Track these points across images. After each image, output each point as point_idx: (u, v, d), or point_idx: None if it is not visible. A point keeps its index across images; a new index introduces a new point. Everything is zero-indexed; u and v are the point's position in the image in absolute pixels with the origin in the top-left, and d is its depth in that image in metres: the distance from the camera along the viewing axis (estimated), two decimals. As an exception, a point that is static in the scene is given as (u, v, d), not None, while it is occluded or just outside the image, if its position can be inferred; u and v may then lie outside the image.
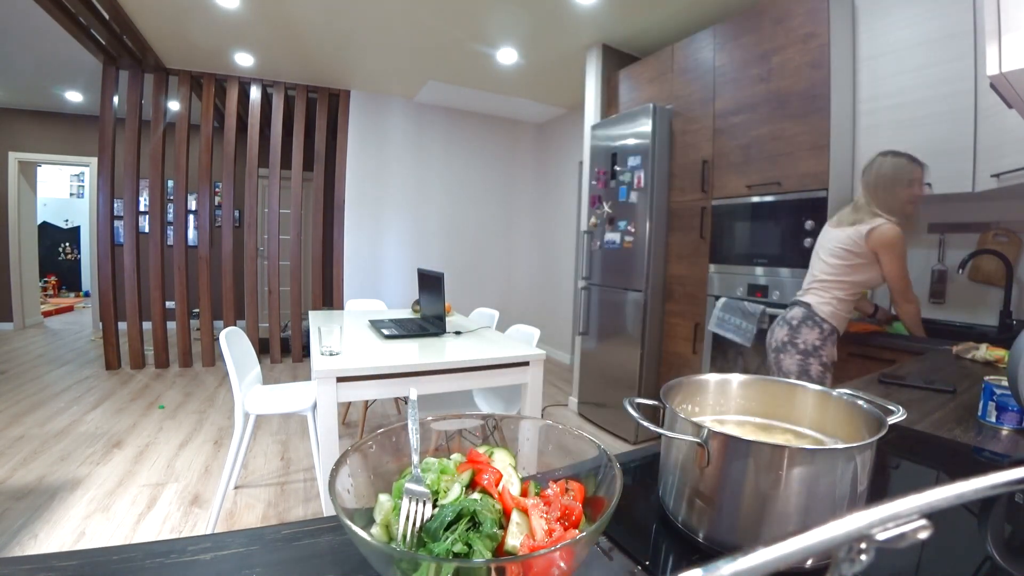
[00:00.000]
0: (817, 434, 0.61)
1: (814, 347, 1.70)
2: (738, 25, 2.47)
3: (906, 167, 1.67)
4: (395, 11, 3.03)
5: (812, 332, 1.71)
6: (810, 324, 1.72)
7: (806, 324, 1.73)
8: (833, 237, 1.76)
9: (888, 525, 0.21)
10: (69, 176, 8.16)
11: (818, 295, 1.75)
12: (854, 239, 1.68)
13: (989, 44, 0.86)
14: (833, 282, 1.72)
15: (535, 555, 0.36)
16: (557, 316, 5.10)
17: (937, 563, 0.50)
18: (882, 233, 1.64)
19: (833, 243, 1.74)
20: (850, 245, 1.69)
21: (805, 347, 1.72)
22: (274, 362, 4.52)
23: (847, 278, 1.71)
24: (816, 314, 1.72)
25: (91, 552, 0.47)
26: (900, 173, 1.67)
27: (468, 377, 1.87)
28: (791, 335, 1.75)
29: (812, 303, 1.75)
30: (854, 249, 1.68)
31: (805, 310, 1.75)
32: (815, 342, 1.70)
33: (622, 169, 2.99)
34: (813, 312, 1.73)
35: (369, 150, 4.68)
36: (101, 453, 2.53)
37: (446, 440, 2.00)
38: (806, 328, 1.72)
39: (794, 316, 1.78)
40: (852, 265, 1.69)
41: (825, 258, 1.76)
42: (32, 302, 5.78)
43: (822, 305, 1.72)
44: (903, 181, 1.67)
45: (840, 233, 1.73)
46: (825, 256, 1.77)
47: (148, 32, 3.39)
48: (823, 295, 1.74)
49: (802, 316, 1.75)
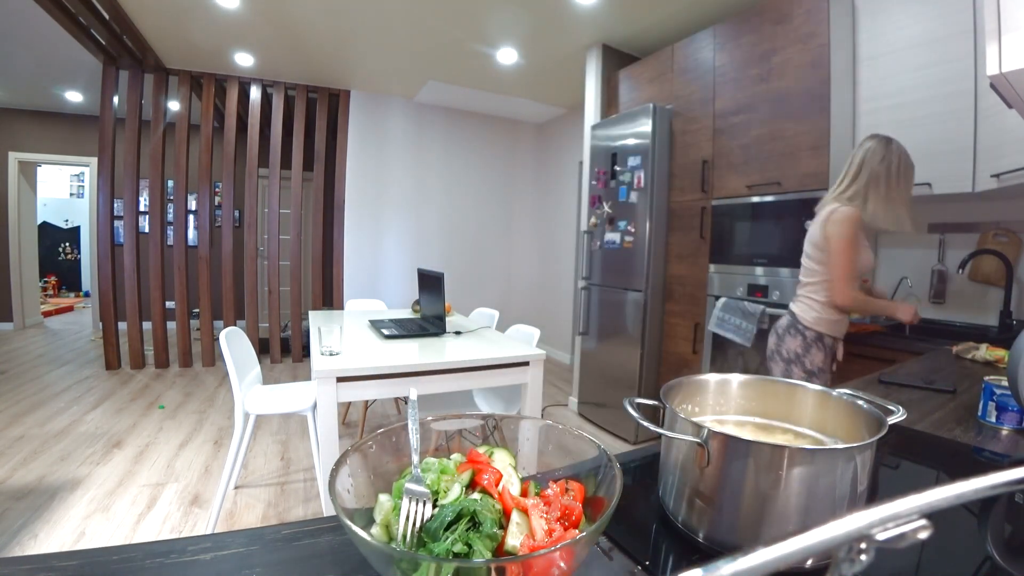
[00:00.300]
0: (817, 434, 0.61)
1: (796, 355, 1.69)
2: (738, 25, 2.47)
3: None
4: (395, 11, 3.03)
5: (795, 340, 1.70)
6: (792, 332, 1.71)
7: (789, 332, 1.72)
8: (808, 233, 1.73)
9: (888, 525, 0.21)
10: (69, 176, 8.16)
11: (801, 302, 1.73)
12: (816, 229, 1.65)
13: (989, 44, 0.86)
14: (809, 284, 1.69)
15: (535, 555, 0.36)
16: (557, 316, 5.10)
17: (937, 563, 0.50)
18: (840, 212, 1.57)
19: (806, 243, 1.72)
20: (814, 237, 1.65)
21: (788, 355, 1.71)
22: (274, 362, 4.52)
23: (819, 278, 1.66)
24: (799, 322, 1.70)
25: (91, 552, 0.47)
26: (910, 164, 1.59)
27: (468, 377, 1.87)
28: (777, 344, 1.76)
29: (796, 311, 1.73)
30: (818, 241, 1.64)
31: (790, 319, 1.74)
32: (796, 350, 1.69)
33: (622, 169, 2.99)
34: (796, 320, 1.71)
35: (369, 150, 4.68)
36: (101, 453, 2.53)
37: (446, 440, 2.00)
38: (789, 336, 1.72)
39: (780, 325, 1.78)
40: (819, 259, 1.65)
41: (803, 260, 1.74)
42: (32, 302, 5.78)
43: (805, 312, 1.70)
44: (912, 172, 1.60)
45: (810, 227, 1.71)
46: (803, 259, 1.74)
47: (148, 32, 3.39)
48: (805, 301, 1.71)
49: (786, 325, 1.75)
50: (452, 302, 3.66)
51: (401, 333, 2.20)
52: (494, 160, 5.31)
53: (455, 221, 5.16)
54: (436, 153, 5.00)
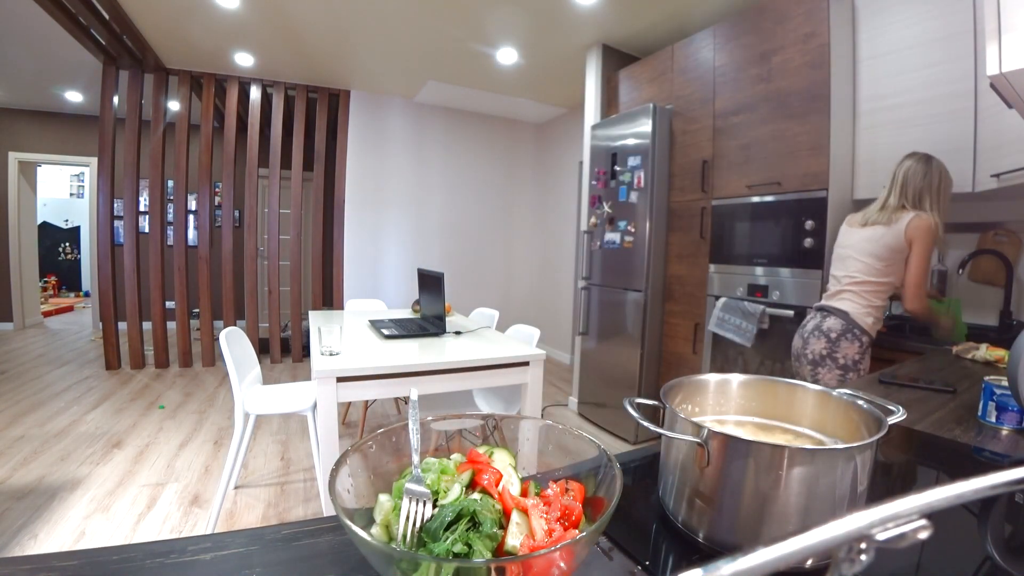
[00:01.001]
0: (817, 434, 0.61)
1: (854, 361, 1.64)
2: (738, 25, 2.47)
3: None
4: (395, 11, 3.03)
5: (853, 346, 1.64)
6: (850, 337, 1.64)
7: (845, 337, 1.65)
8: (867, 236, 1.69)
9: (888, 525, 0.21)
10: (69, 176, 8.16)
11: (855, 303, 1.67)
12: (895, 233, 1.62)
13: (989, 44, 0.86)
14: (872, 283, 1.66)
15: (535, 555, 0.36)
16: (557, 316, 5.10)
17: (937, 563, 0.50)
18: (923, 220, 1.59)
19: (869, 242, 1.68)
20: (892, 240, 1.63)
21: (845, 362, 1.64)
22: (274, 362, 4.52)
23: (885, 278, 1.65)
24: (856, 325, 1.64)
25: (91, 552, 0.47)
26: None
27: (468, 377, 1.87)
28: (830, 348, 1.67)
29: (851, 312, 1.66)
30: (895, 244, 1.62)
31: (844, 321, 1.67)
32: (855, 356, 1.64)
33: (622, 169, 2.99)
34: (853, 323, 1.65)
35: (369, 150, 4.68)
36: (101, 453, 2.53)
37: (446, 440, 2.00)
38: (846, 341, 1.65)
39: (832, 327, 1.68)
40: (891, 262, 1.64)
41: (861, 258, 1.69)
42: (32, 302, 5.78)
43: (863, 316, 1.65)
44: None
45: (874, 232, 1.67)
46: (861, 256, 1.69)
47: (148, 32, 3.39)
48: (859, 301, 1.66)
49: (841, 328, 1.67)
50: (452, 302, 3.67)
51: (401, 333, 2.20)
52: (494, 160, 5.31)
53: (455, 221, 5.16)
54: (436, 153, 5.00)
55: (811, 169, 2.14)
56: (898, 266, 1.65)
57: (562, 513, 0.44)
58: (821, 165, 2.09)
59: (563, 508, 0.44)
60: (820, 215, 2.07)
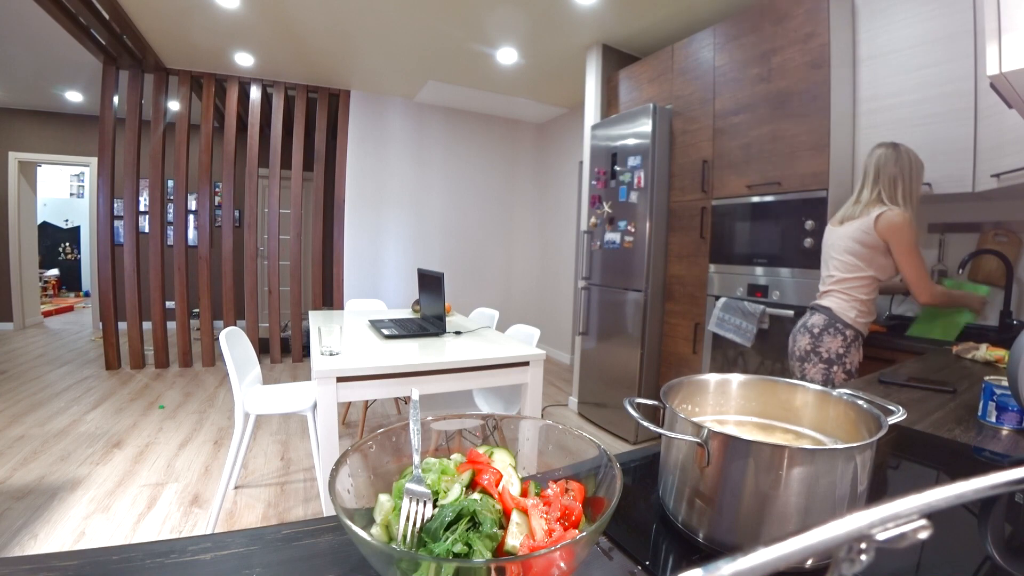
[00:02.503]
0: (817, 434, 0.61)
1: (838, 355, 1.66)
2: (738, 25, 2.47)
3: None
4: (395, 11, 3.03)
5: (835, 340, 1.66)
6: (832, 332, 1.67)
7: (828, 332, 1.68)
8: (842, 234, 1.72)
9: (888, 525, 0.21)
10: (69, 176, 8.16)
11: (838, 298, 1.70)
12: (864, 229, 1.64)
13: (989, 44, 0.86)
14: (852, 279, 1.68)
15: (535, 555, 0.36)
16: (557, 316, 5.10)
17: (937, 563, 0.50)
18: (889, 218, 1.59)
19: (844, 239, 1.70)
20: (861, 236, 1.64)
21: (829, 356, 1.67)
22: (274, 362, 4.52)
23: (864, 273, 1.66)
24: (839, 320, 1.67)
25: (91, 552, 0.47)
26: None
27: (468, 377, 1.87)
28: (813, 343, 1.70)
29: (834, 308, 1.69)
30: (866, 240, 1.64)
31: (826, 316, 1.70)
32: (838, 350, 1.66)
33: (622, 169, 2.99)
34: (835, 318, 1.67)
35: (369, 150, 4.68)
36: (101, 453, 2.53)
37: (446, 440, 2.00)
38: (828, 336, 1.68)
39: (815, 323, 1.72)
40: (866, 257, 1.65)
41: (839, 256, 1.72)
42: (32, 302, 5.78)
43: (846, 310, 1.67)
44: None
45: (848, 228, 1.70)
46: (838, 254, 1.72)
47: (148, 32, 3.39)
48: (843, 297, 1.69)
49: (824, 323, 1.70)
50: (452, 302, 3.67)
51: (401, 333, 2.20)
52: (494, 160, 5.31)
53: (455, 221, 5.16)
54: (436, 153, 5.00)
55: (811, 169, 2.13)
56: (876, 260, 1.65)
57: (562, 513, 0.44)
58: (821, 165, 2.09)
59: (563, 508, 0.44)
60: (820, 215, 2.07)
